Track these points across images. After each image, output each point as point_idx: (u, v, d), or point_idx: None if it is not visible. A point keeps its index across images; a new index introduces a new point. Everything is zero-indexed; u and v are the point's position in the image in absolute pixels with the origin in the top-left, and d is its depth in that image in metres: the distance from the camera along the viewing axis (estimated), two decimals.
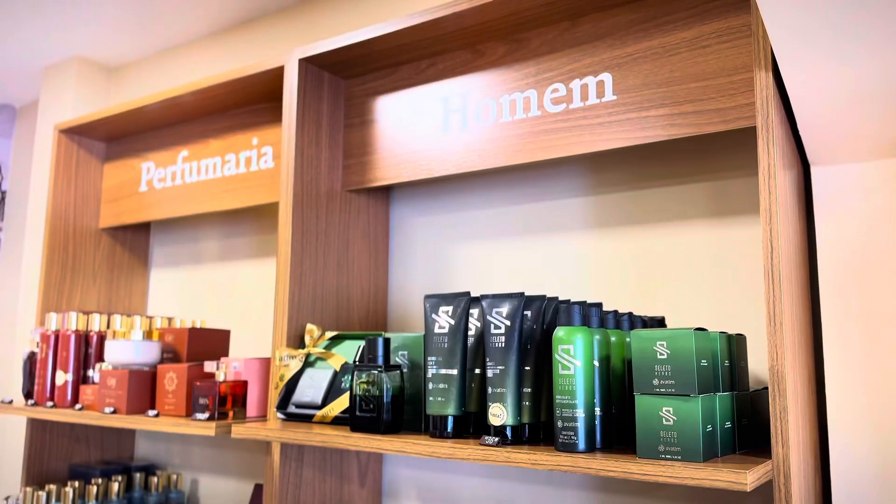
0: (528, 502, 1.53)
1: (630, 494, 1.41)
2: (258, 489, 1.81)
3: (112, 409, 1.65)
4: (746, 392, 1.14)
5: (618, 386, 1.14)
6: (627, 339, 1.18)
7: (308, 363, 1.53)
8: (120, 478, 1.93)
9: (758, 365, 1.29)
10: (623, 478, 0.97)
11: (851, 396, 1.15)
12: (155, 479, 1.99)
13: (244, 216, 2.15)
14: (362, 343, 1.45)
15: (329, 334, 1.55)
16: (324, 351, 1.51)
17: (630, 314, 1.24)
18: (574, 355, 1.06)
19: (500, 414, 1.14)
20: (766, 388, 1.24)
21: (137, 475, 2.00)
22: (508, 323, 1.16)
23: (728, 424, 1.04)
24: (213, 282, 2.19)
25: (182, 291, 2.28)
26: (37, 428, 2.05)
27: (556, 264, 1.56)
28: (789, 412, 0.97)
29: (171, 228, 2.35)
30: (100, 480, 1.89)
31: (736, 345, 1.14)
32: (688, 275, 1.40)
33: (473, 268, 1.68)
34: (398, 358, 1.38)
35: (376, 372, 1.29)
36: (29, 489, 1.83)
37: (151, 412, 1.60)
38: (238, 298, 2.11)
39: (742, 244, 1.35)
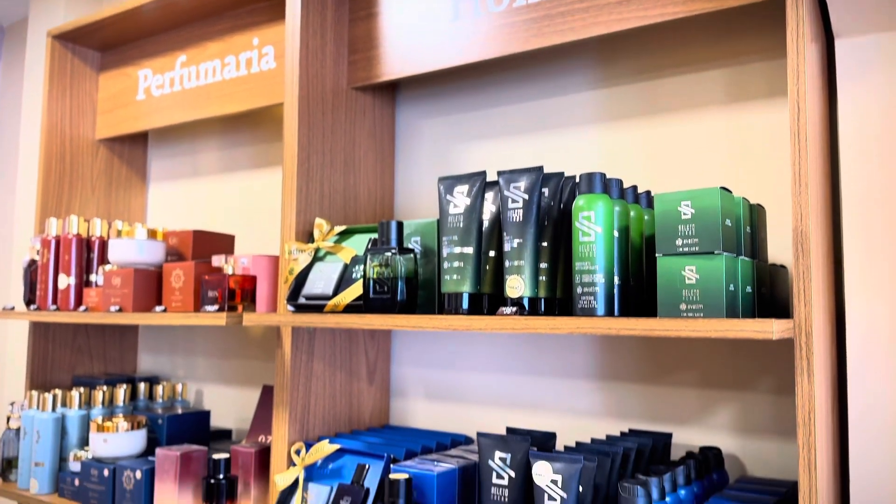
0: (537, 396, 1.54)
1: (642, 382, 1.42)
2: (267, 390, 1.81)
3: (118, 308, 1.64)
4: (766, 263, 1.14)
5: (636, 259, 1.13)
6: (646, 217, 1.17)
7: (317, 258, 1.51)
8: (125, 386, 1.93)
9: (774, 250, 1.29)
10: (644, 335, 0.97)
11: (870, 275, 1.15)
12: (160, 388, 1.99)
13: (243, 125, 2.11)
14: (372, 236, 1.43)
15: (338, 229, 1.53)
16: (333, 245, 1.50)
17: (648, 192, 1.23)
18: (595, 222, 1.04)
19: (517, 286, 1.13)
20: (784, 266, 1.24)
21: (142, 385, 1.99)
22: (526, 197, 1.14)
23: (749, 290, 1.04)
24: (214, 194, 2.16)
25: (182, 205, 2.25)
26: (39, 336, 2.03)
27: (568, 161, 1.54)
28: (812, 272, 0.96)
29: (169, 140, 2.31)
30: (104, 388, 1.89)
31: (757, 214, 1.13)
32: (704, 164, 1.38)
33: (480, 168, 1.65)
34: (411, 244, 1.37)
35: (390, 254, 1.28)
36: (34, 392, 1.83)
37: (158, 308, 1.58)
38: (240, 211, 2.08)
39: (761, 130, 1.33)
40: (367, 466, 1.39)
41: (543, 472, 1.06)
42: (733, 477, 1.30)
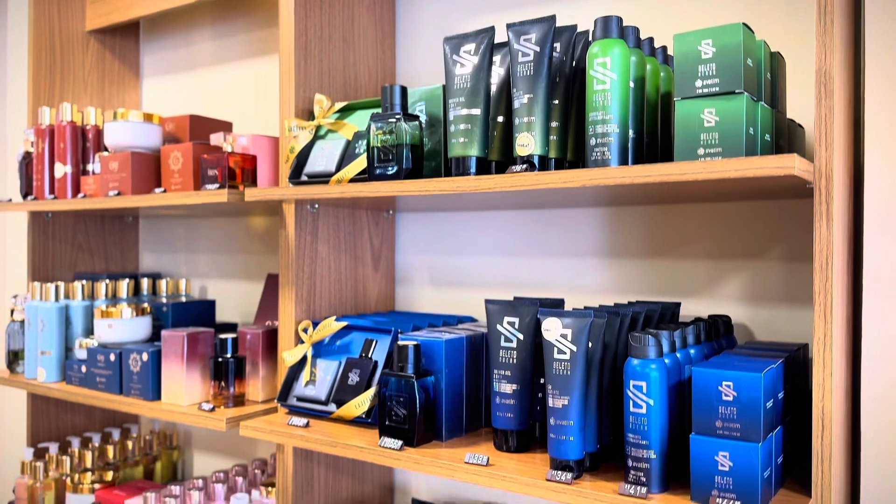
0: (544, 276, 1.52)
1: (650, 257, 1.40)
2: (271, 279, 1.80)
3: (116, 192, 1.61)
4: (785, 117, 1.10)
5: (651, 114, 1.09)
6: (662, 74, 1.13)
7: (318, 136, 1.47)
8: (128, 280, 1.91)
9: (791, 109, 1.25)
10: (661, 181, 0.94)
11: (890, 134, 1.11)
12: (163, 283, 1.98)
13: (237, 12, 2.03)
14: (375, 111, 1.39)
15: (338, 105, 1.48)
16: (334, 122, 1.45)
17: (664, 47, 1.18)
18: (610, 69, 1.00)
19: (527, 143, 1.09)
20: (801, 126, 1.20)
21: (145, 280, 1.98)
22: (538, 49, 1.09)
23: (767, 138, 1.01)
24: (209, 86, 2.10)
25: (176, 99, 2.18)
26: (39, 233, 2.01)
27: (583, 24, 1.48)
28: (835, 114, 0.93)
29: (161, 31, 2.23)
30: (107, 281, 1.87)
31: (777, 63, 1.09)
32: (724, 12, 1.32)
33: None
34: (416, 111, 1.33)
35: (394, 120, 1.24)
36: (36, 283, 1.82)
37: (158, 189, 1.55)
38: (237, 102, 2.03)
39: None
40: (374, 341, 1.39)
41: (552, 328, 1.05)
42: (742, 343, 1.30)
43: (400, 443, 1.20)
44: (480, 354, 1.33)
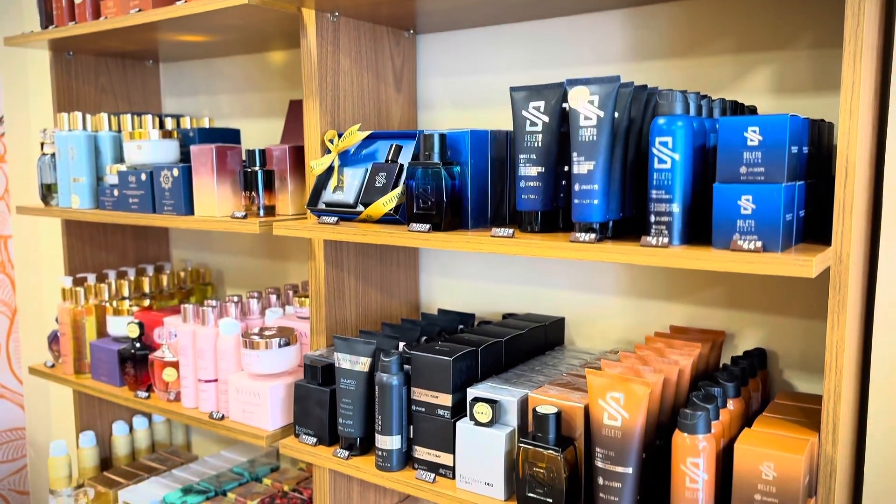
0: None
1: (675, 57, 1.39)
2: (294, 105, 1.81)
3: (137, 9, 1.60)
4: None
5: None
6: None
7: None
8: (151, 116, 1.92)
9: None
10: None
11: None
12: (187, 120, 1.99)
13: None
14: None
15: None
16: None
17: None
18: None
19: None
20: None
21: (168, 120, 1.99)
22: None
23: None
24: None
25: None
26: (61, 71, 2.02)
27: None
28: None
29: None
30: (132, 115, 1.88)
31: None
32: None
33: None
34: None
35: None
36: (63, 114, 1.84)
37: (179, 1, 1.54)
38: None
39: None
40: (400, 146, 1.41)
41: (579, 96, 1.06)
42: None
43: (428, 226, 1.23)
44: (505, 151, 1.35)
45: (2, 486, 2.84)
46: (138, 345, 1.76)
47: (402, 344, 1.43)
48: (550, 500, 1.13)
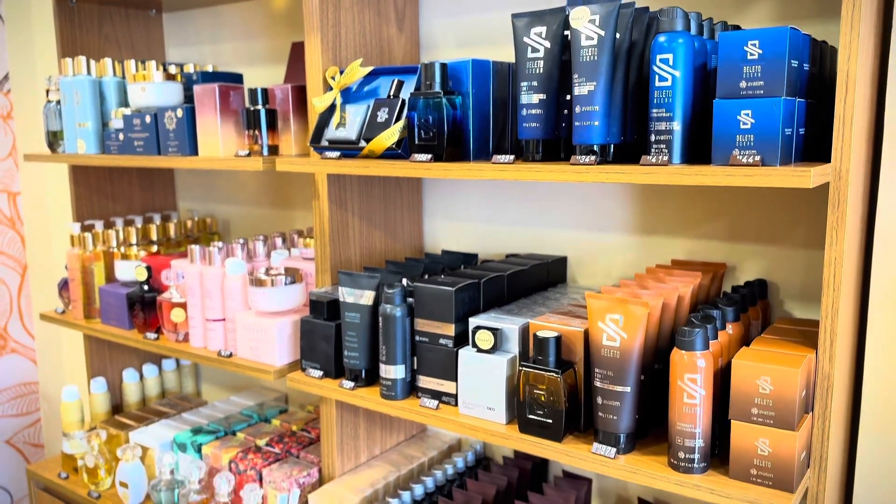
0: None
1: None
2: (295, 47, 1.80)
3: None
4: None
5: None
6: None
7: None
8: (156, 62, 1.93)
9: None
10: None
11: None
12: (190, 65, 1.98)
13: None
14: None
15: None
16: None
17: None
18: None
19: None
20: None
21: (172, 66, 1.99)
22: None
23: None
24: None
25: None
26: (65, 20, 2.02)
27: None
28: None
29: None
30: (136, 61, 1.88)
31: None
32: None
33: None
34: None
35: None
36: (67, 60, 1.84)
37: None
38: None
39: None
40: (402, 81, 1.41)
41: (580, 17, 1.05)
42: None
43: (430, 156, 1.24)
44: (508, 85, 1.35)
45: (17, 439, 2.90)
46: (146, 287, 1.78)
47: (405, 280, 1.45)
48: (550, 421, 1.15)
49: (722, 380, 1.08)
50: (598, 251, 1.55)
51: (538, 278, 1.50)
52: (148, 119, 1.67)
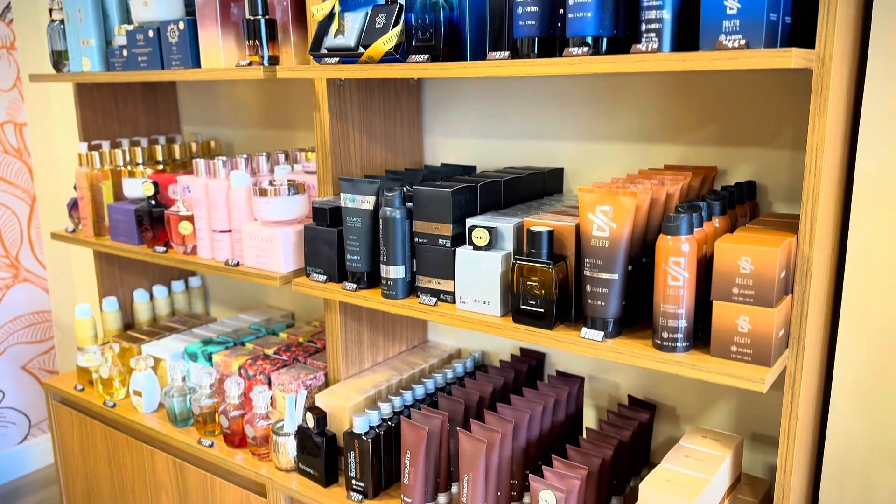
0: None
1: None
2: None
3: None
4: None
5: None
6: None
7: None
8: None
9: None
10: None
11: None
12: None
13: None
14: None
15: None
16: None
17: None
18: None
19: None
20: None
21: None
22: None
23: None
24: None
25: None
26: None
27: None
28: None
29: None
30: None
31: None
32: None
33: None
34: None
35: None
36: None
37: None
38: None
39: None
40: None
41: None
42: None
43: (426, 56, 1.27)
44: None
45: (32, 365, 3.00)
46: (154, 203, 1.83)
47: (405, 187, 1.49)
48: (542, 311, 1.20)
49: (706, 268, 1.12)
50: (594, 162, 1.58)
51: (535, 187, 1.54)
52: (151, 33, 1.69)
